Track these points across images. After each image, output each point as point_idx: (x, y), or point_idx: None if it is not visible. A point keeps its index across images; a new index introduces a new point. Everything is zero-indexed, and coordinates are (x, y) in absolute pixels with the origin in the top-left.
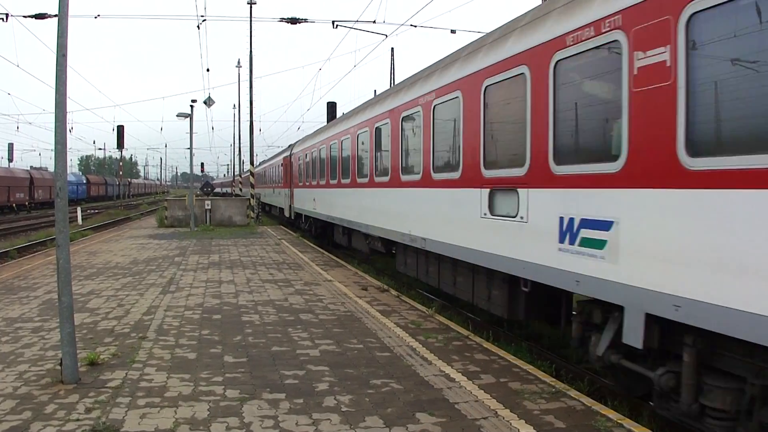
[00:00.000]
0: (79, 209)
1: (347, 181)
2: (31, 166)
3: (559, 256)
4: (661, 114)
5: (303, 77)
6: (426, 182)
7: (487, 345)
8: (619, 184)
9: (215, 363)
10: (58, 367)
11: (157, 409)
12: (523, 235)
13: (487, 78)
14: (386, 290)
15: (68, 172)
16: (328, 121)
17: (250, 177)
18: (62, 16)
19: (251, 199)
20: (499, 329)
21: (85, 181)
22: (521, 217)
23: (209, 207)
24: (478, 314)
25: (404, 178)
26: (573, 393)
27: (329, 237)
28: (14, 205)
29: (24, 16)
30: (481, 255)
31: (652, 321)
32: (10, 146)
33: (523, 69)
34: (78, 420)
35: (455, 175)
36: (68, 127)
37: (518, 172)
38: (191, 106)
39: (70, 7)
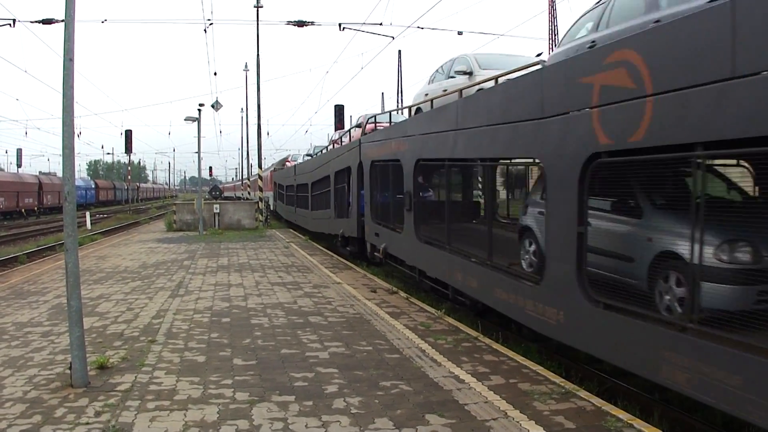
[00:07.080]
0: (87, 214)
1: None
2: (39, 171)
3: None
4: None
5: (310, 80)
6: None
7: (496, 346)
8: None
9: (224, 366)
10: (68, 371)
11: (166, 412)
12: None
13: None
14: (395, 292)
15: (77, 176)
16: (335, 126)
17: (258, 180)
18: (69, 21)
19: (260, 203)
20: (508, 331)
21: (93, 186)
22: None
23: (218, 211)
24: (487, 316)
25: None
26: (583, 393)
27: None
28: (23, 210)
29: (31, 22)
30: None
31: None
32: (19, 151)
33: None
34: (87, 424)
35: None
36: (76, 131)
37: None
38: (199, 110)
39: (77, 11)
